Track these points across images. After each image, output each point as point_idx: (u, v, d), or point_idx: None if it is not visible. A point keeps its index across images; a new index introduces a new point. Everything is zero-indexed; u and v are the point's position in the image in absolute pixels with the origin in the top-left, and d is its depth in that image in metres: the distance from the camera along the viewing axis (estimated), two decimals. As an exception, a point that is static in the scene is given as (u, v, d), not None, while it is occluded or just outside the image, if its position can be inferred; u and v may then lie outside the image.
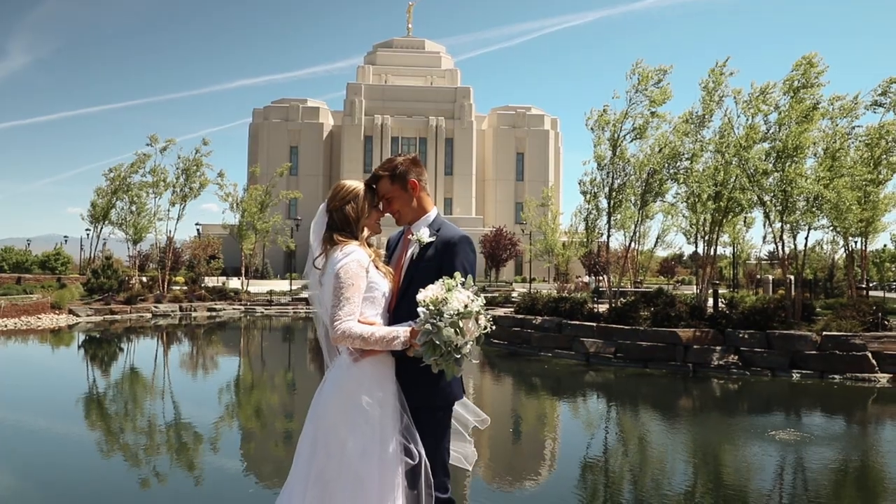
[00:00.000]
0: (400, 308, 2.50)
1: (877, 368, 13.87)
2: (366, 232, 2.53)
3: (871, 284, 43.42)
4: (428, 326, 2.25)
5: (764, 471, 7.94)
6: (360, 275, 2.38)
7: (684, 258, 59.93)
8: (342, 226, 2.50)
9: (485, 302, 2.32)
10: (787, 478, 7.70)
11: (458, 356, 2.26)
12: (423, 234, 2.55)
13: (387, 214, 2.67)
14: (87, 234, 51.07)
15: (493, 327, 2.41)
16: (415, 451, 2.32)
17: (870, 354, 14.04)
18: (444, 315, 2.22)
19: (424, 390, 2.42)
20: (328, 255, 2.48)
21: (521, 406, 12.38)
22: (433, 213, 2.67)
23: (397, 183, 2.58)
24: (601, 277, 26.18)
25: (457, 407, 2.68)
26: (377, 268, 2.51)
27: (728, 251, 36.79)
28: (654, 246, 36.87)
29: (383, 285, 2.49)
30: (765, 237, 17.05)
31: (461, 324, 2.22)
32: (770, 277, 35.29)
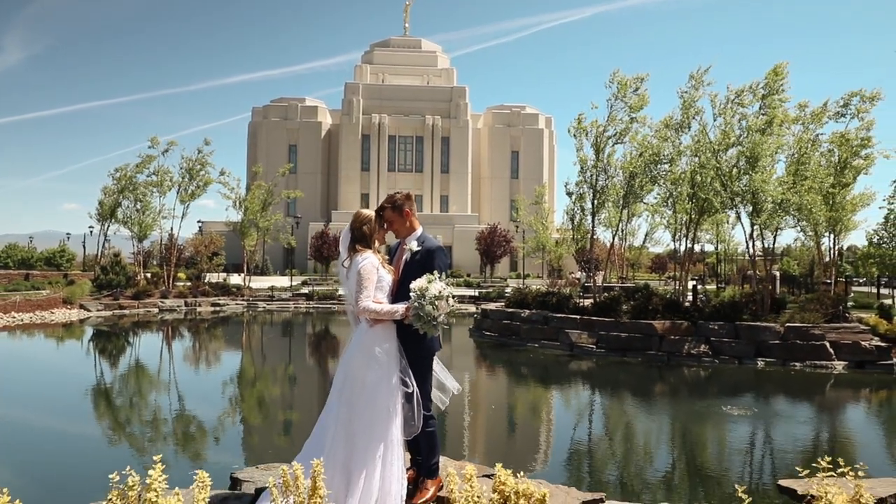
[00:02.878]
0: (399, 293, 3.79)
1: (834, 356, 15.17)
2: (376, 244, 3.78)
3: (857, 280, 44.63)
4: (416, 305, 3.53)
5: (715, 438, 9.22)
6: (373, 272, 3.64)
7: (679, 254, 61.17)
8: (361, 239, 3.77)
9: (453, 290, 3.58)
10: (734, 444, 8.97)
11: (435, 323, 3.56)
12: (413, 245, 3.87)
13: (389, 232, 3.92)
14: (91, 232, 52.15)
15: (457, 306, 3.66)
16: (409, 382, 3.58)
17: (828, 344, 15.33)
18: (426, 298, 3.48)
19: (414, 345, 3.74)
20: (352, 259, 3.74)
21: (511, 391, 13.62)
22: (419, 230, 3.98)
23: (396, 211, 3.89)
24: (593, 273, 27.31)
25: (438, 372, 3.96)
26: (384, 267, 3.78)
27: (714, 248, 37.96)
28: (643, 243, 38.18)
29: (388, 278, 3.79)
30: (750, 234, 18.07)
31: (437, 303, 3.49)
32: (754, 272, 36.56)
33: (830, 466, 2.51)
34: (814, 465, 2.71)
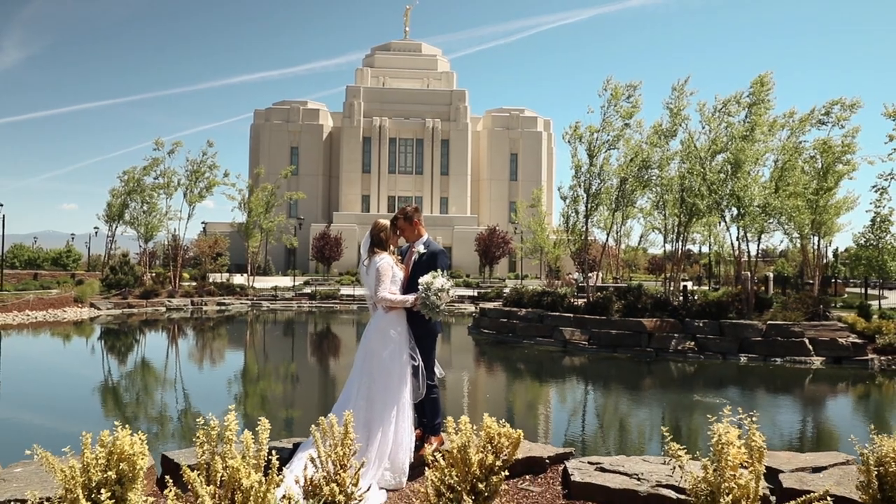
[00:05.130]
0: (409, 286, 4.71)
1: (812, 352, 16.03)
2: (391, 247, 4.66)
3: (853, 281, 45.47)
4: (423, 295, 4.40)
5: (687, 419, 10.09)
6: (389, 269, 4.53)
7: (675, 255, 62.00)
8: (378, 244, 4.65)
9: (453, 283, 4.46)
10: (703, 423, 9.83)
11: (438, 310, 4.42)
12: (420, 248, 4.78)
13: (401, 237, 4.80)
14: (96, 232, 53.00)
15: (456, 296, 4.58)
16: (416, 357, 4.45)
17: (807, 341, 16.20)
18: (431, 290, 4.36)
19: (421, 327, 4.66)
20: (371, 259, 4.62)
21: (505, 381, 14.47)
22: (426, 236, 4.91)
23: (407, 221, 4.81)
24: (590, 274, 28.13)
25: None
26: (397, 266, 4.65)
27: (705, 249, 38.77)
28: (638, 244, 39.01)
29: (400, 275, 4.67)
30: (740, 237, 18.99)
31: (440, 294, 4.37)
32: (747, 274, 37.45)
33: (730, 413, 3.35)
34: (719, 412, 3.55)
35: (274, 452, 3.39)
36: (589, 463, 4.29)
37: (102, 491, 2.90)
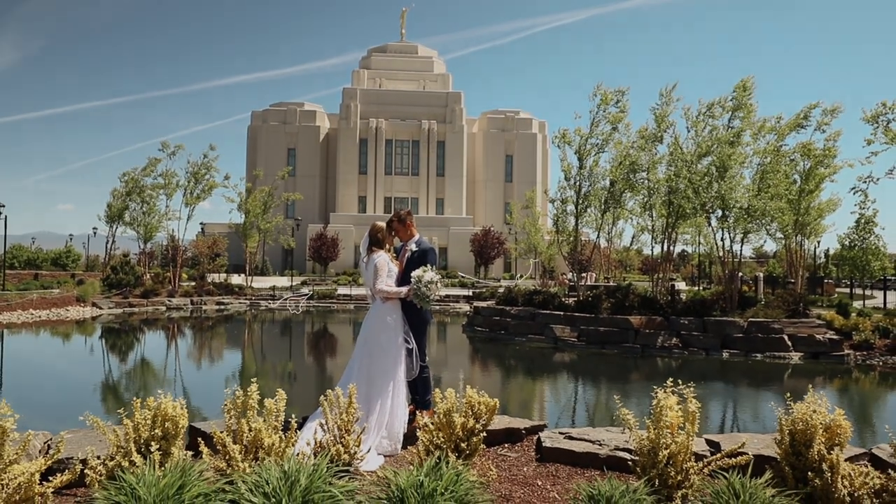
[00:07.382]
0: (403, 280, 5.37)
1: (791, 348, 16.73)
2: (387, 245, 5.33)
3: (844, 282, 46.22)
4: (415, 287, 5.07)
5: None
6: (385, 265, 5.21)
7: (673, 256, 62.75)
8: (376, 243, 5.33)
9: (441, 276, 5.12)
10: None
11: (428, 300, 5.07)
12: (413, 246, 5.46)
13: (396, 238, 5.47)
14: (94, 233, 53.47)
15: (443, 291, 5.25)
16: (410, 341, 5.11)
17: (786, 337, 16.89)
18: (422, 282, 5.02)
19: (413, 315, 5.33)
20: (369, 257, 5.28)
21: (496, 373, 15.12)
22: (417, 236, 5.60)
23: (401, 223, 5.50)
24: (584, 275, 28.77)
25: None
26: (392, 262, 5.32)
27: (698, 250, 39.47)
28: (631, 244, 39.72)
29: (395, 270, 5.36)
30: (724, 237, 19.77)
31: (429, 286, 5.03)
32: (739, 274, 38.14)
33: (672, 384, 4.00)
34: (665, 385, 4.21)
35: (293, 416, 4.03)
36: (559, 433, 4.95)
37: (152, 444, 3.53)
